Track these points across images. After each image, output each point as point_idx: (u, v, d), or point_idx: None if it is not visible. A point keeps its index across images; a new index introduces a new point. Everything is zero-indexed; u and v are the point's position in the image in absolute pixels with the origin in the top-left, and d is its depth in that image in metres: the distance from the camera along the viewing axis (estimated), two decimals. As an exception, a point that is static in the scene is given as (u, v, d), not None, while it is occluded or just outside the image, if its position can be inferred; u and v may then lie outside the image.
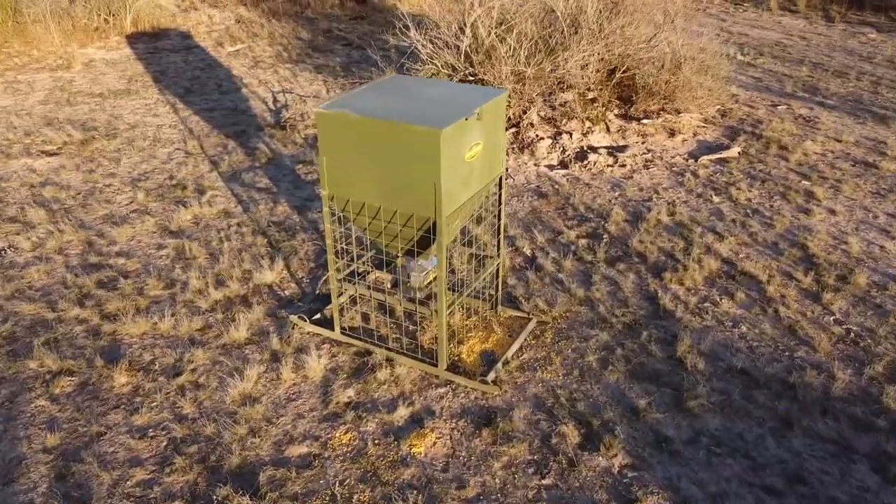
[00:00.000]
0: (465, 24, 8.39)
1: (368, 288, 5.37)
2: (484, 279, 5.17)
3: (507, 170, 7.65)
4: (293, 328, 5.05)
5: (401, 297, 4.98)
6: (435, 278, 4.72)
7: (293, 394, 4.44)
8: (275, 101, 9.83)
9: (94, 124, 8.97)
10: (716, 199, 7.02)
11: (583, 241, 6.25)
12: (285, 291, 5.53)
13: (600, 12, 8.65)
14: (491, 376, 4.51)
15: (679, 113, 8.86)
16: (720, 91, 9.26)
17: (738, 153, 8.05)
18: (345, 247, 5.82)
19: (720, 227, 6.48)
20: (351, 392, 4.45)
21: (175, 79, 10.85)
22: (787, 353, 4.78)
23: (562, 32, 8.54)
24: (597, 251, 6.08)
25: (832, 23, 14.70)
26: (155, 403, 4.37)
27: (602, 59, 8.39)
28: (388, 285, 5.37)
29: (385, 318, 5.14)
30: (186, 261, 5.93)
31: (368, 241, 5.64)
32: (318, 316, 5.16)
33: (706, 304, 5.35)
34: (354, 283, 5.36)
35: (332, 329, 4.95)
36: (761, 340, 4.93)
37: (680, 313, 5.23)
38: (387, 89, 4.53)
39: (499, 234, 4.90)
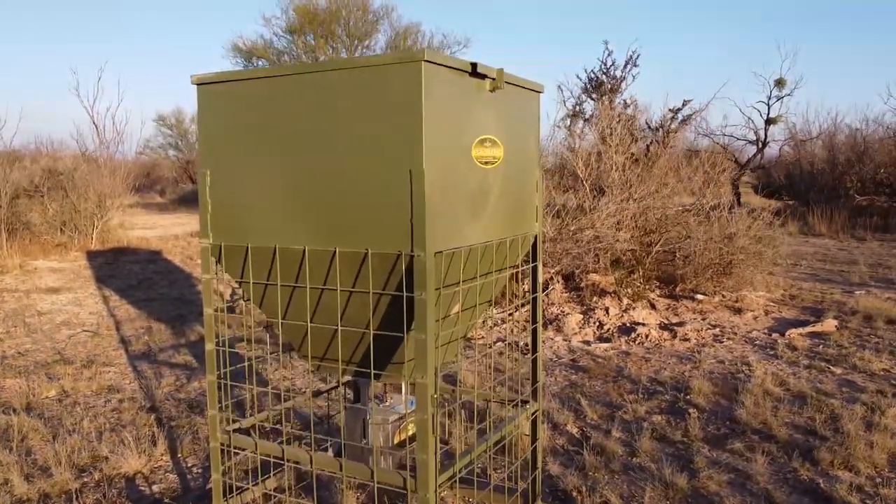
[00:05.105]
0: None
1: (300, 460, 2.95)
2: (509, 435, 2.82)
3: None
4: (140, 545, 2.58)
5: (344, 469, 2.58)
6: (413, 435, 2.43)
7: None
8: (233, 292, 8.00)
9: (-5, 312, 7.02)
10: (836, 369, 4.80)
11: (659, 417, 3.93)
12: (154, 486, 3.10)
13: (627, 180, 7.23)
14: None
15: (739, 290, 6.97)
16: (782, 264, 7.49)
17: (836, 327, 5.99)
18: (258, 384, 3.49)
19: (865, 397, 4.19)
20: None
21: (124, 279, 9.16)
22: None
23: (581, 196, 7.03)
24: (688, 427, 3.74)
25: (863, 241, 13.60)
26: None
27: (636, 216, 6.75)
28: (331, 452, 2.95)
29: (322, 524, 2.68)
30: (6, 443, 3.56)
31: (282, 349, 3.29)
32: (194, 521, 2.71)
33: (918, 500, 2.90)
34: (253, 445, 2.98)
35: (214, 544, 2.49)
36: None
37: (880, 514, 2.78)
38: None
39: (534, 350, 2.68)
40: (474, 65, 2.10)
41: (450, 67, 2.02)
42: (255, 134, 2.22)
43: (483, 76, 2.17)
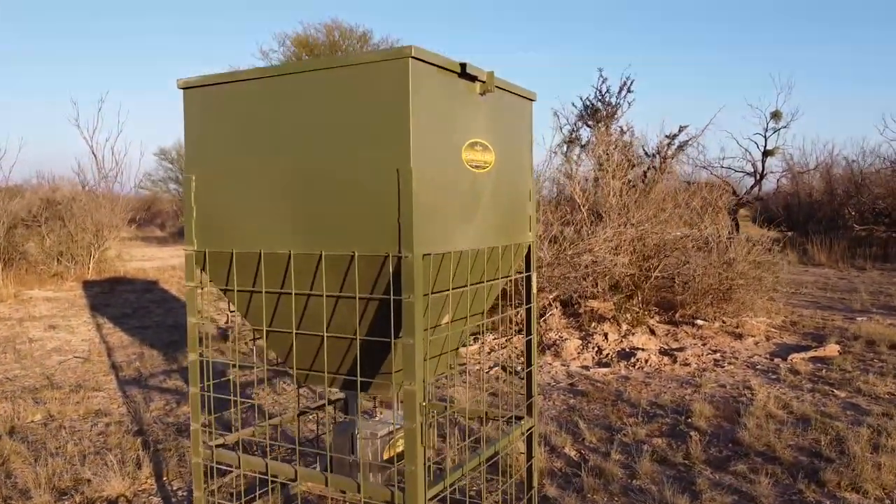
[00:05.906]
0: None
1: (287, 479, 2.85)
2: (502, 451, 2.72)
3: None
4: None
5: (330, 483, 2.48)
6: (402, 451, 2.34)
7: None
8: (228, 318, 7.91)
9: (-14, 339, 6.93)
10: (840, 393, 4.70)
11: (659, 440, 3.82)
12: (136, 509, 2.99)
13: (625, 205, 7.20)
14: None
15: (739, 316, 6.89)
16: (782, 291, 7.42)
17: (839, 351, 5.89)
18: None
19: (870, 420, 4.09)
20: None
21: (119, 308, 9.07)
22: None
23: (579, 222, 6.99)
24: (689, 450, 3.63)
25: (863, 271, 13.54)
26: None
27: (634, 240, 6.70)
28: (318, 468, 2.85)
29: (309, 546, 2.57)
30: (-13, 466, 3.45)
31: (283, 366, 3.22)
32: (175, 544, 2.60)
33: (930, 522, 2.79)
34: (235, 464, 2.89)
35: (194, 566, 2.38)
36: None
37: (891, 535, 2.67)
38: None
39: (530, 362, 2.60)
40: (464, 65, 2.07)
41: (438, 66, 1.98)
42: (241, 136, 2.18)
43: (473, 78, 2.14)
